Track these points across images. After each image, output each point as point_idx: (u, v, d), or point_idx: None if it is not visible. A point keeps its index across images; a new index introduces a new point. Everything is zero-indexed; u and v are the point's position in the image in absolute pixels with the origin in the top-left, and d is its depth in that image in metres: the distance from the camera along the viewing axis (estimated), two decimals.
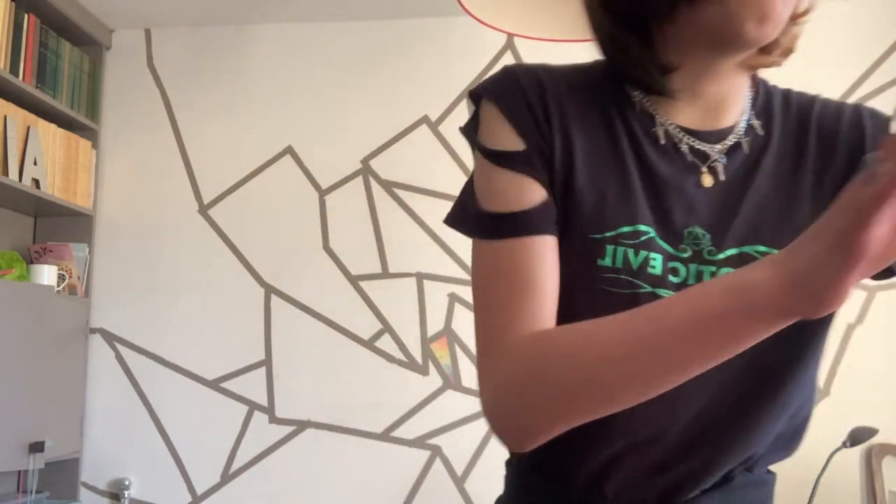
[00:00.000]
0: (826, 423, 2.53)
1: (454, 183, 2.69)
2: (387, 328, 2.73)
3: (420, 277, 2.73)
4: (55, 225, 2.82)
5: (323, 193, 2.83)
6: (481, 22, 1.89)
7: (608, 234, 0.63)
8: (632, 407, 0.57)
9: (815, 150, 0.69)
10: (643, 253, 0.63)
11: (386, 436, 2.68)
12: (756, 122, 0.70)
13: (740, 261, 0.63)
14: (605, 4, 0.66)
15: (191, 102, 2.93)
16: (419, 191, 2.77)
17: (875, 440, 2.43)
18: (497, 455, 2.55)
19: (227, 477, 2.73)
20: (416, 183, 2.78)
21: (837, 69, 2.70)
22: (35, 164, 2.50)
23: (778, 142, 0.69)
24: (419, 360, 2.71)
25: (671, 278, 0.63)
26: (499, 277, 0.64)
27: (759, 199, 0.66)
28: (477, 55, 2.80)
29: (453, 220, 0.71)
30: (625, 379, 0.54)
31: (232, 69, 2.93)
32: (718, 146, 0.67)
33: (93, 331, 2.84)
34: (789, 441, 0.69)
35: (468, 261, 2.57)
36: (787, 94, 0.74)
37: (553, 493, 0.70)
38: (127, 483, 2.73)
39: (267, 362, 2.77)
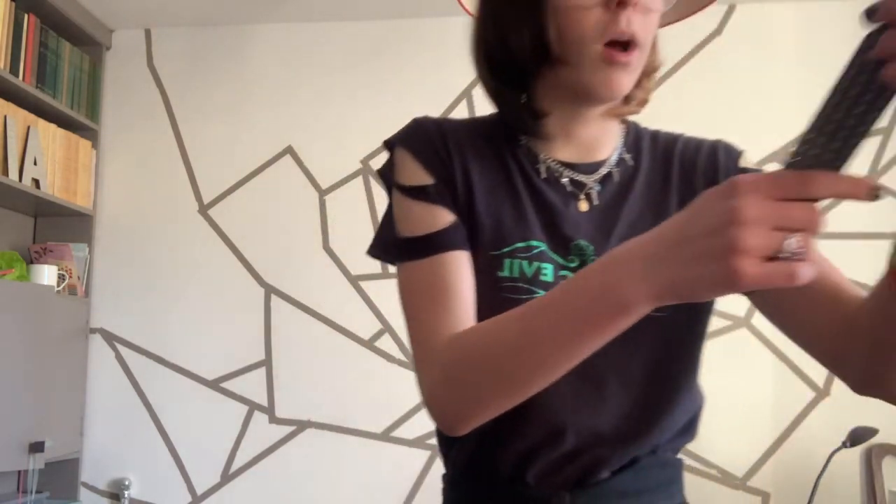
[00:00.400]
0: (826, 423, 2.53)
1: None
2: (387, 328, 2.73)
3: None
4: (55, 225, 2.82)
5: (323, 193, 2.83)
6: None
7: (505, 250, 0.75)
8: (540, 405, 0.70)
9: (678, 177, 0.81)
10: (536, 264, 0.75)
11: (386, 436, 2.68)
12: (627, 156, 0.82)
13: None
14: (488, 61, 0.80)
15: (191, 102, 2.93)
16: None
17: (875, 440, 2.43)
18: None
19: (227, 477, 2.73)
20: None
21: (837, 69, 2.70)
22: (35, 164, 2.50)
23: (646, 172, 0.81)
24: None
25: None
26: (421, 291, 0.74)
27: (633, 218, 0.78)
28: None
29: (375, 252, 0.82)
30: (529, 367, 0.64)
31: (232, 69, 2.93)
32: (594, 176, 0.80)
33: (93, 331, 2.84)
34: (687, 429, 0.81)
35: None
36: (655, 134, 0.86)
37: (483, 491, 0.79)
38: (127, 483, 2.73)
39: (267, 362, 2.77)
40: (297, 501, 2.69)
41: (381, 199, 2.79)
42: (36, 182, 2.51)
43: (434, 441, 2.65)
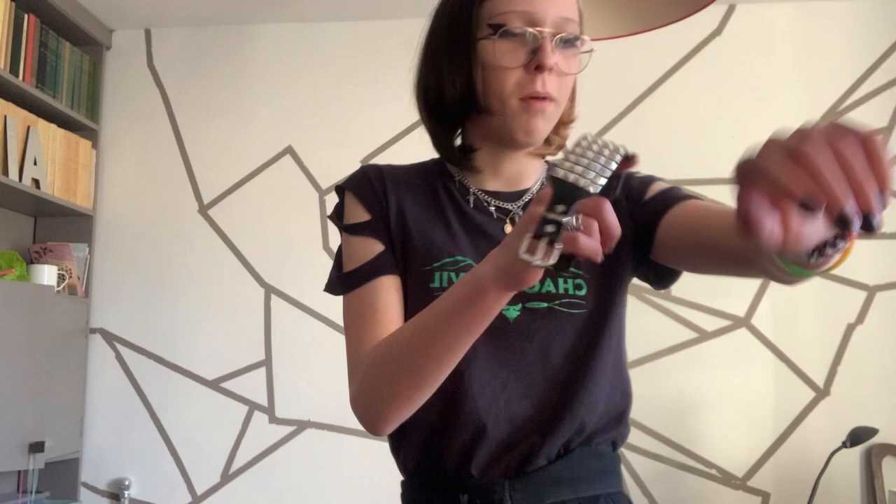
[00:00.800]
0: (826, 423, 2.53)
1: None
2: None
3: None
4: (55, 225, 2.82)
5: (323, 193, 2.83)
6: None
7: (435, 265, 0.87)
8: (471, 402, 0.83)
9: None
10: (462, 274, 0.85)
11: (386, 436, 2.68)
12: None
13: None
14: (427, 104, 0.95)
15: (191, 102, 2.93)
16: None
17: (875, 440, 2.43)
18: None
19: (227, 477, 2.73)
20: None
21: (838, 69, 2.70)
22: (35, 164, 2.50)
23: None
24: None
25: None
26: (354, 315, 0.88)
27: None
28: None
29: (329, 288, 0.95)
30: (423, 358, 0.75)
31: (232, 69, 2.93)
32: (518, 203, 0.93)
33: (93, 331, 2.84)
34: (618, 422, 0.90)
35: None
36: None
37: (433, 486, 0.88)
38: (127, 483, 2.73)
39: (267, 362, 2.77)
40: (297, 501, 2.69)
41: None
42: (36, 182, 2.51)
43: None
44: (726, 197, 2.64)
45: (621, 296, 0.91)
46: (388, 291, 0.88)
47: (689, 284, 2.68)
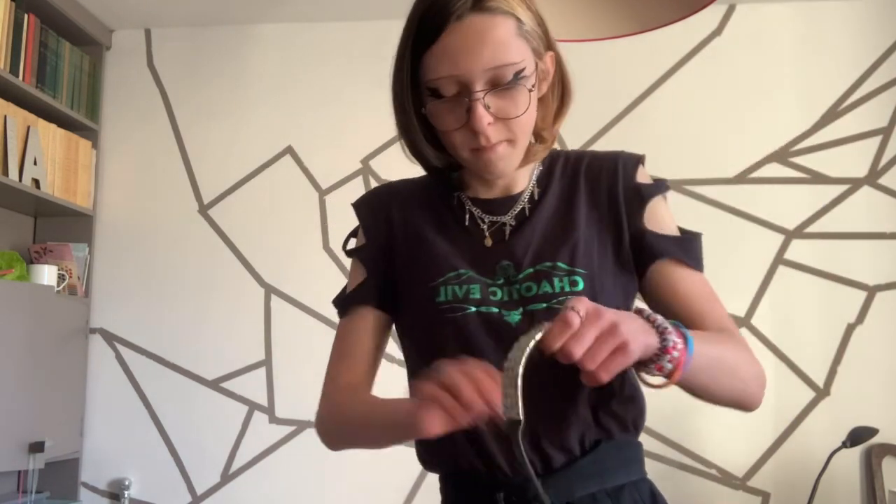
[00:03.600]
0: (826, 423, 2.53)
1: None
2: None
3: None
4: (55, 225, 2.82)
5: (323, 193, 2.83)
6: None
7: (439, 280, 0.93)
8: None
9: (585, 191, 0.97)
10: (465, 286, 0.92)
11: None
12: (536, 190, 0.98)
13: (535, 276, 0.91)
14: (407, 147, 0.96)
15: (191, 102, 2.93)
16: None
17: (875, 440, 2.43)
18: None
19: (227, 477, 2.73)
20: None
21: (838, 69, 2.70)
22: (35, 164, 2.50)
23: (555, 194, 0.97)
24: None
25: (491, 298, 0.92)
26: (335, 345, 1.05)
27: (541, 232, 0.94)
28: None
29: (335, 304, 1.07)
30: (363, 441, 1.00)
31: (232, 69, 2.93)
32: (511, 213, 0.96)
33: (93, 331, 2.84)
34: (630, 402, 0.95)
35: None
36: (567, 156, 1.02)
37: (471, 487, 0.93)
38: (127, 483, 2.73)
39: (267, 362, 2.77)
40: (297, 501, 2.69)
41: None
42: (36, 182, 2.51)
43: None
44: (725, 196, 2.64)
45: (621, 289, 0.94)
46: (362, 328, 1.02)
47: None
